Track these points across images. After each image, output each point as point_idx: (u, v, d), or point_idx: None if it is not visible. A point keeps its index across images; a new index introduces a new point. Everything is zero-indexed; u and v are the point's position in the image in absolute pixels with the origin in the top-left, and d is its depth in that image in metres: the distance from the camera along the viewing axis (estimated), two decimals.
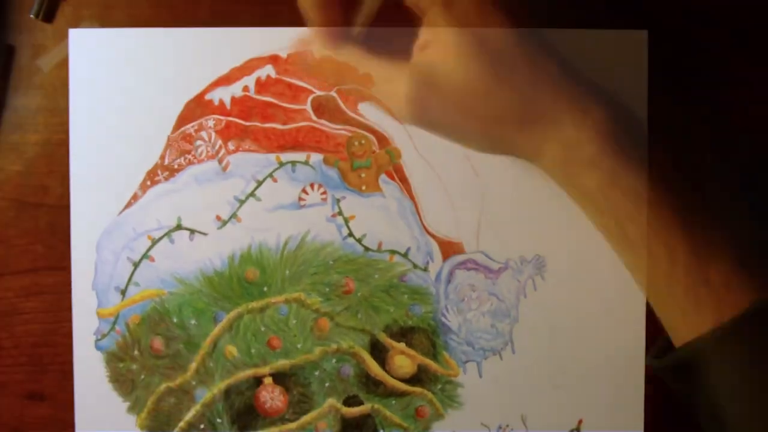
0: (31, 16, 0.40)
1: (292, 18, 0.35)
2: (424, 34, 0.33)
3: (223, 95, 0.40)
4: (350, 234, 0.40)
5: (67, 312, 0.41)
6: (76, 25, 0.40)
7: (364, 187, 0.41)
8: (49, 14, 0.40)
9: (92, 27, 0.40)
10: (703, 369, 0.31)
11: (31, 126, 0.41)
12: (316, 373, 0.41)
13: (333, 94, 0.40)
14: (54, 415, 0.41)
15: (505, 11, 0.32)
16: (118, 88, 0.40)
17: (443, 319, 0.41)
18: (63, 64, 0.40)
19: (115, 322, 0.40)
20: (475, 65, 0.32)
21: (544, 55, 0.33)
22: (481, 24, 0.32)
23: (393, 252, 0.41)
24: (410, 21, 0.35)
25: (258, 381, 0.41)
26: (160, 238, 0.40)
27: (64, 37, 0.40)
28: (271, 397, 0.41)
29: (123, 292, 0.40)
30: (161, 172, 0.40)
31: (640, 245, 0.32)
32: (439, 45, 0.32)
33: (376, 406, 0.41)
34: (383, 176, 0.41)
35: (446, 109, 0.33)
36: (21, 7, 0.40)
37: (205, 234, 0.40)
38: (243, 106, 0.40)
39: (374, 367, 0.41)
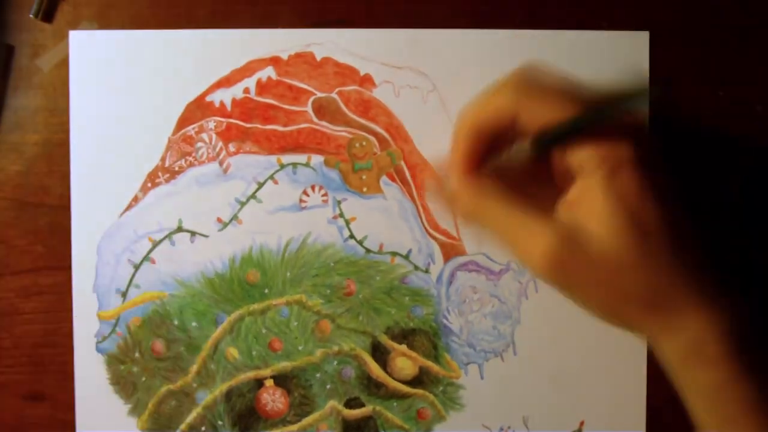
0: (31, 16, 0.40)
1: (292, 18, 0.35)
2: (576, 192, 0.32)
3: (224, 97, 0.40)
4: (351, 236, 0.40)
5: (67, 312, 0.41)
6: (75, 25, 0.40)
7: (365, 189, 0.40)
8: (48, 14, 0.40)
9: (92, 27, 0.40)
10: None
11: (31, 126, 0.41)
12: (318, 375, 0.41)
13: (334, 95, 0.40)
14: (54, 416, 0.41)
15: (664, 195, 0.31)
16: (118, 90, 0.40)
17: (445, 321, 0.41)
18: (62, 64, 0.40)
19: (116, 325, 0.40)
20: (623, 239, 0.31)
21: (689, 243, 0.32)
22: (639, 204, 0.31)
23: (394, 254, 0.41)
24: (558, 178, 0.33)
25: (259, 383, 0.41)
26: (161, 240, 0.40)
27: (64, 37, 0.40)
28: (273, 399, 0.41)
29: (124, 295, 0.40)
30: (162, 174, 0.40)
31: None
32: (590, 207, 0.31)
33: (378, 408, 0.41)
34: (384, 178, 0.40)
35: (584, 274, 0.32)
36: (20, 7, 0.40)
37: (206, 236, 0.40)
38: (244, 107, 0.40)
39: (375, 369, 0.41)
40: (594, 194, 0.31)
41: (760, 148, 0.41)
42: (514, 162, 0.33)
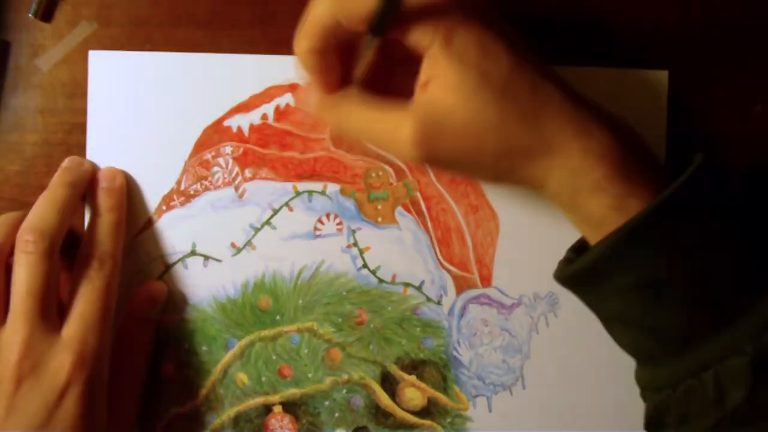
0: (30, 15, 0.40)
1: (291, 18, 0.34)
2: (425, 72, 0.32)
3: (242, 122, 0.40)
4: (365, 265, 0.40)
5: None
6: (75, 25, 0.40)
7: (380, 219, 0.40)
8: (47, 14, 0.40)
9: (92, 27, 0.39)
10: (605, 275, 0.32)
11: (30, 126, 0.40)
12: (326, 403, 0.41)
13: None
14: None
15: (507, 45, 0.32)
16: (136, 112, 0.40)
17: (455, 353, 0.41)
18: (62, 64, 0.40)
19: None
20: (478, 100, 0.31)
21: (546, 83, 0.32)
22: (482, 58, 0.31)
23: (407, 285, 0.41)
24: (411, 63, 0.34)
25: (268, 409, 0.41)
26: (174, 264, 0.40)
27: (63, 36, 0.40)
28: (281, 425, 0.41)
29: None
30: (177, 197, 0.40)
31: None
32: (440, 81, 0.32)
33: None
34: (399, 208, 0.40)
35: (453, 146, 0.32)
36: (20, 7, 0.40)
37: (219, 261, 0.40)
38: (261, 133, 0.40)
39: (384, 399, 0.41)
40: (439, 66, 0.32)
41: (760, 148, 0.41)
42: (368, 59, 0.34)
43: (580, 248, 0.36)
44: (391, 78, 0.35)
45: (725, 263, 0.32)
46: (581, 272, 0.33)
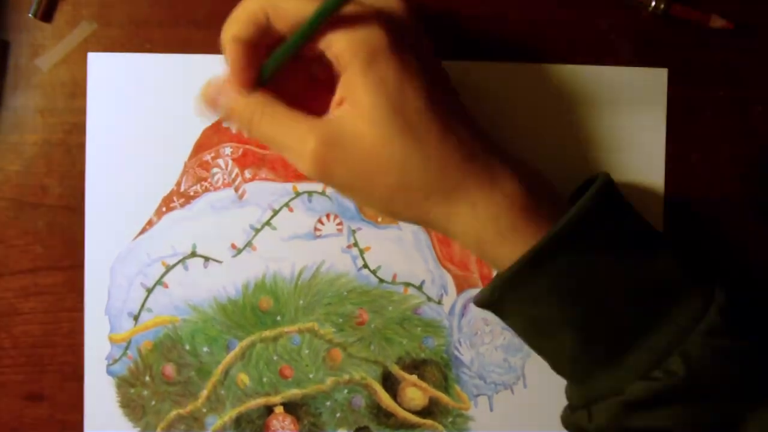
0: (30, 15, 0.40)
1: None
2: (340, 91, 0.32)
3: None
4: (365, 265, 0.40)
5: (67, 312, 0.40)
6: (75, 25, 0.40)
7: (380, 219, 0.40)
8: (47, 14, 0.40)
9: (91, 27, 0.39)
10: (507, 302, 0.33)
11: (30, 126, 0.40)
12: (328, 403, 0.41)
13: None
14: (53, 416, 0.41)
15: (425, 82, 0.31)
16: (136, 113, 0.40)
17: (456, 353, 0.41)
18: (62, 64, 0.40)
19: (127, 348, 0.40)
20: (387, 130, 0.31)
21: (459, 128, 0.32)
22: (398, 92, 0.31)
23: (407, 284, 0.41)
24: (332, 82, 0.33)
25: (269, 410, 0.41)
26: (175, 265, 0.40)
27: (63, 36, 0.40)
28: (282, 426, 0.41)
29: (136, 318, 0.40)
30: (177, 198, 0.40)
31: None
32: (353, 103, 0.31)
33: None
34: None
35: (351, 172, 0.32)
36: (20, 7, 0.40)
37: (219, 262, 0.40)
38: None
39: (386, 399, 0.41)
40: (355, 87, 0.31)
41: (760, 148, 0.41)
42: (285, 64, 0.32)
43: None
44: (310, 93, 0.34)
45: (611, 303, 0.32)
46: (481, 303, 0.34)
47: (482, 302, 0.34)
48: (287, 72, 0.33)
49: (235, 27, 0.32)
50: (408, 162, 0.31)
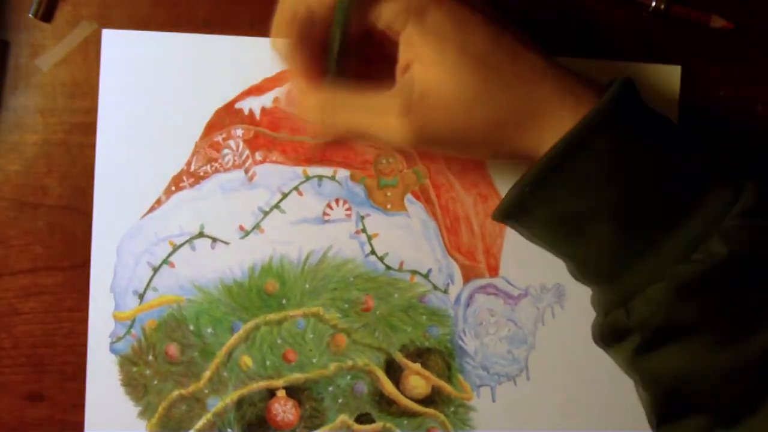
0: (30, 15, 0.40)
1: None
2: (403, 55, 0.32)
3: (254, 105, 0.40)
4: (372, 252, 0.40)
5: (67, 313, 0.40)
6: (75, 25, 0.40)
7: (389, 206, 0.40)
8: (47, 14, 0.40)
9: (91, 27, 0.39)
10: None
11: (30, 126, 0.40)
12: (330, 388, 0.41)
13: None
14: (53, 416, 0.41)
15: (481, 16, 0.32)
16: (148, 92, 0.40)
17: (460, 342, 0.41)
18: (62, 64, 0.40)
19: (131, 326, 0.40)
20: (461, 73, 0.31)
21: (528, 51, 0.32)
22: (458, 32, 0.31)
23: (414, 272, 0.40)
24: (388, 48, 0.34)
25: (271, 393, 0.40)
26: (182, 245, 0.40)
27: (63, 36, 0.40)
28: (283, 410, 0.40)
29: (141, 297, 0.40)
30: (186, 178, 0.40)
31: None
32: (419, 61, 0.32)
33: (388, 425, 0.41)
34: (409, 196, 0.40)
35: (442, 122, 0.32)
36: (20, 7, 0.40)
37: (227, 243, 0.40)
38: (272, 117, 0.40)
39: (388, 386, 0.41)
40: (416, 46, 0.32)
41: (760, 148, 0.41)
42: (345, 48, 0.33)
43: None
44: (370, 70, 0.35)
45: (644, 189, 0.31)
46: (506, 208, 0.33)
47: (511, 203, 0.33)
48: (350, 62, 0.34)
49: (280, 30, 0.33)
50: (491, 96, 0.31)
